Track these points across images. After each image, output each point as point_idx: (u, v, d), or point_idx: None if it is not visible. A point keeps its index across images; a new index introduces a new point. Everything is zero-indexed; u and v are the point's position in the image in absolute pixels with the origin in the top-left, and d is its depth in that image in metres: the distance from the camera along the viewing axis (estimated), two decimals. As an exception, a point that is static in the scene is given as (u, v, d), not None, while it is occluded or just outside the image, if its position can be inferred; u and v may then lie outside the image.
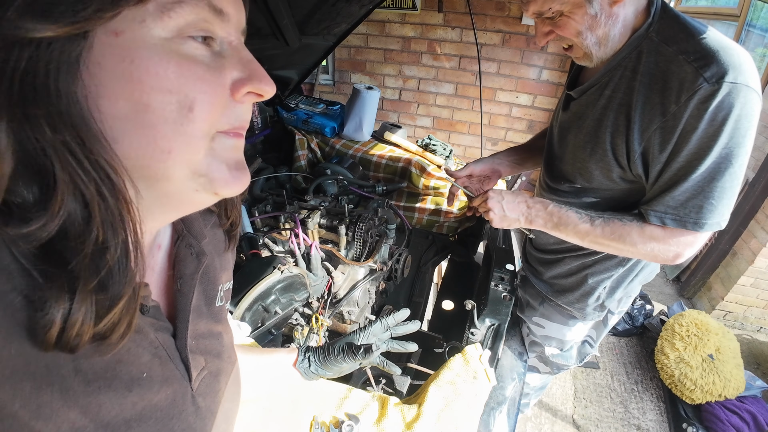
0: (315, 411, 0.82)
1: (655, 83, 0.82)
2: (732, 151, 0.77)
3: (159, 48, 0.29)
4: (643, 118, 0.84)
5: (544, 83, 3.09)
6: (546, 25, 0.88)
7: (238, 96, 0.35)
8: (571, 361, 1.39)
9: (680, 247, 0.88)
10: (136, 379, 0.36)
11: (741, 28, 2.60)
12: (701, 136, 0.77)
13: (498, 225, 1.07)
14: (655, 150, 0.84)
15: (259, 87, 0.35)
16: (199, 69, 0.31)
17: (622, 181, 0.95)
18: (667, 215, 0.85)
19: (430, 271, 1.68)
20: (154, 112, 0.30)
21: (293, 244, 1.20)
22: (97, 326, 0.29)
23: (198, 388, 0.44)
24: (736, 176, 0.79)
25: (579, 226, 0.95)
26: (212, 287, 0.50)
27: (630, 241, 0.90)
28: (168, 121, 0.30)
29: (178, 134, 0.31)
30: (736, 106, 0.74)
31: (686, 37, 0.80)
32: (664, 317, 2.53)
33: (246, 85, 0.34)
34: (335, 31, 1.73)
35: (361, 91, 1.88)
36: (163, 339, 0.40)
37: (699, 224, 0.83)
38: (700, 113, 0.76)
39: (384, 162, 1.83)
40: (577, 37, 0.86)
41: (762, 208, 2.41)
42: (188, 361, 0.42)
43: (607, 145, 0.91)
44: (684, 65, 0.77)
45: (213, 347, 0.48)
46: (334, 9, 1.53)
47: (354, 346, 0.73)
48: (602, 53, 0.89)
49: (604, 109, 0.92)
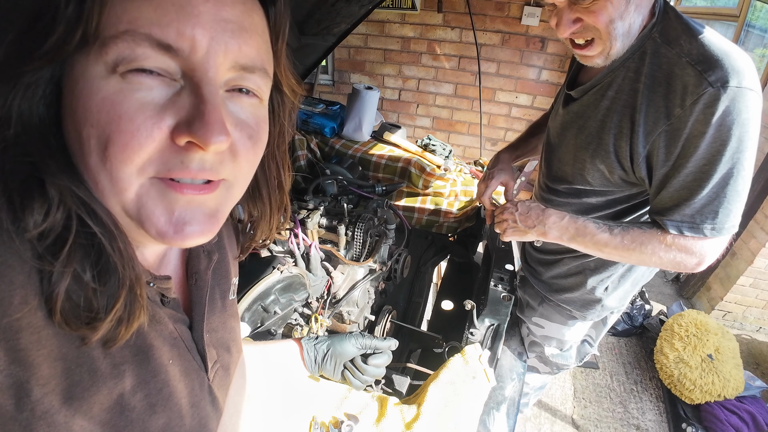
0: (314, 411, 0.82)
1: (658, 86, 0.82)
2: (742, 154, 0.77)
3: (94, 80, 0.29)
4: (648, 120, 0.83)
5: (543, 83, 3.09)
6: (574, 11, 0.79)
7: (179, 142, 0.31)
8: (571, 361, 1.39)
9: (702, 254, 0.87)
10: (162, 366, 0.38)
11: (740, 28, 2.60)
12: (710, 142, 0.77)
13: (510, 236, 1.04)
14: (661, 153, 0.83)
15: (196, 135, 0.30)
16: (124, 106, 0.29)
17: (624, 183, 0.95)
18: (683, 224, 0.84)
19: (429, 271, 1.67)
20: (83, 143, 0.30)
21: (292, 244, 1.19)
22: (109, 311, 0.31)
23: (213, 380, 0.47)
24: (746, 179, 0.80)
25: (597, 236, 0.92)
26: (225, 281, 0.53)
27: (651, 250, 0.88)
28: (93, 154, 0.30)
29: (101, 169, 0.30)
30: (743, 110, 0.74)
31: (689, 39, 0.79)
32: (664, 317, 2.53)
33: (184, 132, 0.30)
34: (335, 31, 1.72)
35: (360, 91, 1.88)
36: (181, 330, 0.43)
37: (716, 229, 0.83)
38: (707, 118, 0.76)
39: (383, 162, 1.83)
40: (609, 26, 0.79)
41: (761, 208, 2.41)
42: (205, 352, 0.45)
43: (610, 147, 0.91)
44: (687, 68, 0.77)
45: (224, 341, 0.51)
46: (334, 9, 1.53)
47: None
48: (621, 47, 0.83)
49: (607, 111, 0.91)
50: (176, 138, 0.31)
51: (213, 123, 0.30)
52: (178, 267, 0.47)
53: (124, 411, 0.34)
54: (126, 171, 0.30)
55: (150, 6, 0.29)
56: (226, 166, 0.34)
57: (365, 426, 0.81)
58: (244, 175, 0.38)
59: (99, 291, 0.31)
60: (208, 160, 0.32)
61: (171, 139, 0.31)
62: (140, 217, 0.32)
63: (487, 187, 1.20)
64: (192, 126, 0.30)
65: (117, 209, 0.32)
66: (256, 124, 0.37)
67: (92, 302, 0.30)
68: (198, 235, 0.34)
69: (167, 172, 0.31)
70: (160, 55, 0.30)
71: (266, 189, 0.48)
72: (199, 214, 0.34)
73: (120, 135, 0.29)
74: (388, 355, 0.83)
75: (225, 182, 0.36)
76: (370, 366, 0.80)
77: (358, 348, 0.80)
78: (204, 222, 0.34)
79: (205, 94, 0.31)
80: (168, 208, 0.32)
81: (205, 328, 0.45)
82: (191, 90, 0.31)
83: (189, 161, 0.31)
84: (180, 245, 0.35)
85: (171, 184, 0.32)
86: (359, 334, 0.82)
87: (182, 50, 0.30)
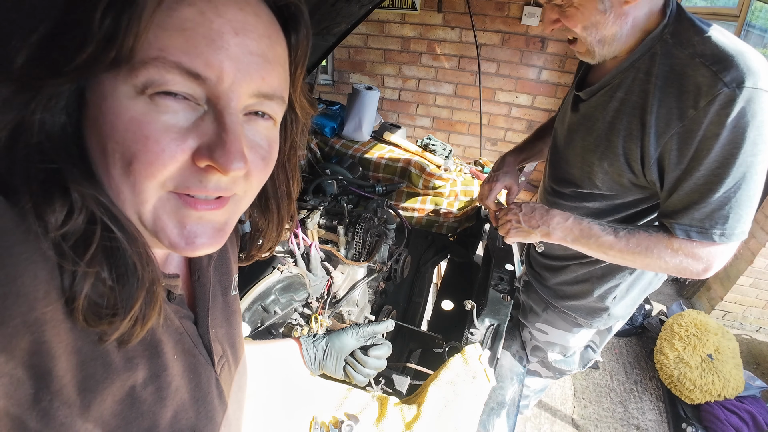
0: (314, 411, 0.82)
1: (670, 86, 0.80)
2: (756, 158, 0.75)
3: (122, 100, 0.31)
4: (659, 122, 0.81)
5: (543, 83, 3.09)
6: (555, 12, 0.85)
7: (200, 164, 0.33)
8: (574, 366, 1.37)
9: (709, 260, 0.84)
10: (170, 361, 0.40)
11: (740, 28, 2.59)
12: (724, 144, 0.75)
13: (513, 236, 1.02)
14: (673, 156, 0.81)
15: (218, 162, 0.32)
16: (150, 128, 0.31)
17: (633, 187, 0.93)
18: (692, 228, 0.82)
19: (429, 271, 1.67)
20: (107, 155, 0.32)
21: (292, 244, 1.19)
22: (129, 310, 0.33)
23: (220, 374, 0.48)
24: (759, 183, 0.77)
25: (602, 239, 0.89)
26: (226, 278, 0.54)
27: (657, 254, 0.86)
28: (116, 166, 0.32)
29: (124, 181, 0.32)
30: (758, 112, 0.72)
31: (702, 40, 0.78)
32: (664, 317, 2.54)
33: (205, 157, 0.33)
34: (335, 31, 1.72)
35: (360, 91, 1.88)
36: (186, 326, 0.44)
37: (726, 235, 0.80)
38: (722, 120, 0.73)
39: (383, 162, 1.83)
40: (582, 32, 0.84)
41: (761, 208, 2.41)
42: (210, 347, 0.47)
43: (620, 150, 0.88)
44: (701, 68, 0.75)
45: (228, 336, 0.52)
46: (334, 9, 1.53)
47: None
48: (605, 52, 0.87)
49: (616, 112, 0.89)
50: (197, 160, 0.33)
51: (234, 152, 0.33)
52: (182, 264, 0.48)
53: (135, 403, 0.36)
54: (148, 185, 0.32)
55: (182, 36, 0.30)
56: (238, 185, 0.37)
57: (365, 426, 0.81)
58: (253, 190, 0.40)
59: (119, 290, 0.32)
60: (224, 180, 0.35)
61: (192, 161, 0.33)
62: (155, 227, 0.35)
63: (491, 190, 1.19)
64: (214, 153, 0.32)
65: (134, 218, 0.34)
66: (269, 146, 0.39)
67: (113, 301, 0.32)
68: (207, 246, 0.37)
69: (185, 189, 0.34)
70: (188, 82, 0.31)
71: (275, 199, 0.51)
72: (209, 228, 0.37)
73: (146, 154, 0.31)
74: (388, 346, 0.83)
75: (235, 197, 0.38)
76: (371, 358, 0.80)
77: (357, 339, 0.81)
78: (213, 236, 0.37)
79: (228, 123, 0.33)
80: (181, 223, 0.35)
81: (210, 324, 0.47)
82: (214, 116, 0.33)
83: (207, 181, 0.34)
84: (190, 255, 0.37)
85: (186, 199, 0.35)
86: (355, 325, 0.82)
87: (210, 79, 0.32)
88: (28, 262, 0.28)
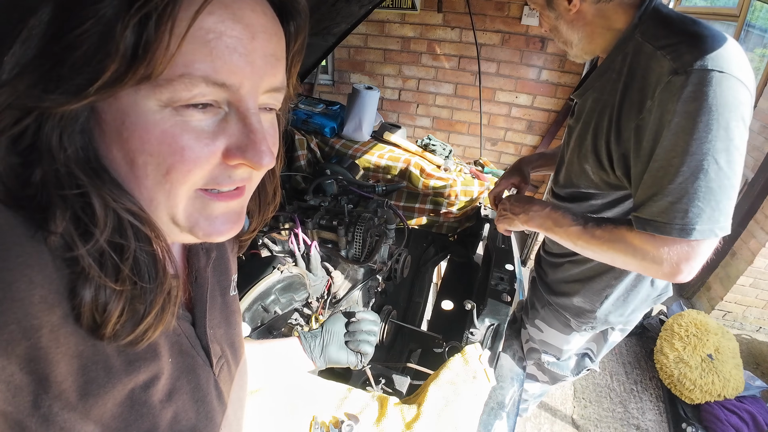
0: (315, 411, 0.82)
1: (635, 82, 0.79)
2: (714, 146, 0.69)
3: (149, 115, 0.31)
4: (623, 118, 0.82)
5: (543, 83, 3.09)
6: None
7: (231, 163, 0.35)
8: (568, 372, 1.38)
9: (673, 259, 0.76)
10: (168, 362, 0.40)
11: (740, 28, 2.60)
12: (675, 130, 0.71)
13: (501, 223, 1.07)
14: (634, 149, 0.80)
15: (252, 161, 0.35)
16: (184, 139, 0.32)
17: (606, 186, 0.93)
18: (649, 223, 0.76)
19: (429, 271, 1.68)
20: (138, 168, 0.32)
21: (293, 244, 1.19)
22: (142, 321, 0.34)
23: (219, 374, 0.48)
24: (725, 176, 0.71)
25: (571, 228, 0.88)
26: (225, 278, 0.54)
27: (621, 248, 0.81)
28: (149, 177, 0.33)
29: (157, 189, 0.33)
30: (711, 95, 0.67)
31: (668, 33, 0.76)
32: (664, 317, 2.54)
33: (237, 157, 0.34)
34: (335, 31, 1.73)
35: (360, 91, 1.88)
36: (184, 327, 0.44)
37: (686, 230, 0.73)
38: (671, 105, 0.70)
39: (383, 162, 1.83)
40: (550, 34, 0.95)
41: (761, 208, 2.41)
42: (209, 348, 0.47)
43: (591, 148, 0.91)
44: (661, 60, 0.74)
45: (227, 336, 0.52)
46: (334, 9, 1.53)
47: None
48: (575, 52, 0.94)
49: (591, 112, 0.92)
50: (228, 159, 0.35)
51: (265, 150, 0.35)
52: (180, 265, 0.48)
53: (135, 405, 0.36)
54: (183, 189, 0.34)
55: (205, 49, 0.30)
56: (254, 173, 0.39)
57: (365, 426, 0.81)
58: (260, 176, 0.42)
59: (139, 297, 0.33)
60: (248, 171, 0.37)
61: (222, 159, 0.35)
62: (189, 224, 0.37)
63: (497, 185, 1.27)
64: (246, 153, 0.34)
65: (165, 219, 0.36)
66: (275, 132, 0.41)
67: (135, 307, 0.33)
68: (232, 231, 0.40)
69: (215, 185, 0.36)
70: (213, 90, 0.32)
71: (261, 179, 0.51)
72: (232, 215, 0.39)
73: (183, 164, 0.32)
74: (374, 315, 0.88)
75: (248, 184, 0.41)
76: (361, 320, 0.85)
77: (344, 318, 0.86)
78: (236, 221, 0.40)
79: (253, 123, 0.35)
80: (211, 216, 0.37)
81: (208, 325, 0.47)
82: (237, 118, 0.34)
83: (236, 176, 0.36)
84: (217, 240, 0.40)
85: (211, 194, 0.36)
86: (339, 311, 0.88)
87: (233, 86, 0.33)
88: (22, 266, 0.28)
